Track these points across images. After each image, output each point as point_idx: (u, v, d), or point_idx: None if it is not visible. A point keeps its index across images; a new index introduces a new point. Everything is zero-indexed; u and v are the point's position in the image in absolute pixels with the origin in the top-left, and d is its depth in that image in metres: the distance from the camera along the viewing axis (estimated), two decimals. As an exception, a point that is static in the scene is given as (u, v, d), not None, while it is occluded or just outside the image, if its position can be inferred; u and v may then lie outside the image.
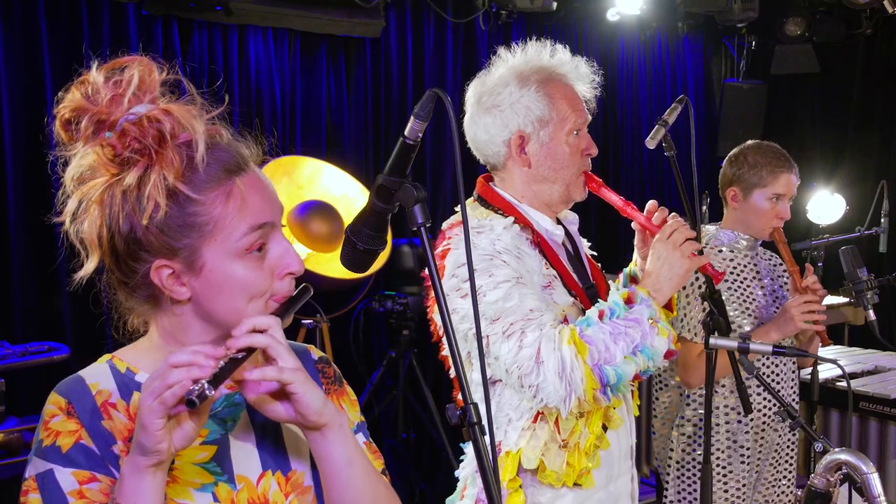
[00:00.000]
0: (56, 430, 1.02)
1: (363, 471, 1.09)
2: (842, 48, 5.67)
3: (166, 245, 1.02)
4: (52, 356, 3.18)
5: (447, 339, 1.11)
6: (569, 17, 5.27)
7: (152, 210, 1.00)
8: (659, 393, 2.59)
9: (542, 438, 1.76)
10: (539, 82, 1.81)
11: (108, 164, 1.01)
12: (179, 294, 1.05)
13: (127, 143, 1.00)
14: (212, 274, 1.04)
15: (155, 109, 1.01)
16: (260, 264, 1.06)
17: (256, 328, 1.00)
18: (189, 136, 1.01)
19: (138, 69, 1.03)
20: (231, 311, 1.05)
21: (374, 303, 4.08)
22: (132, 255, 1.03)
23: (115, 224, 1.02)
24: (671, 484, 2.53)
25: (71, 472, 1.00)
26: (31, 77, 3.59)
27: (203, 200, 1.02)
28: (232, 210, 1.03)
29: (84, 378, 1.07)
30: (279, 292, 1.07)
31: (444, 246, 1.78)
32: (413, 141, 1.19)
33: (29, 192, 3.51)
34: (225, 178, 1.03)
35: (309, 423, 1.04)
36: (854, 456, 1.58)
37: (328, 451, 1.06)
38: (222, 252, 1.03)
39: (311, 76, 4.38)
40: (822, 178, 5.27)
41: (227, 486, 1.07)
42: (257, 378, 1.00)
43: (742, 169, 2.51)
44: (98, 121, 1.02)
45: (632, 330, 1.66)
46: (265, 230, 1.05)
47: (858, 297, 2.58)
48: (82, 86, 1.03)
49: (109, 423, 1.04)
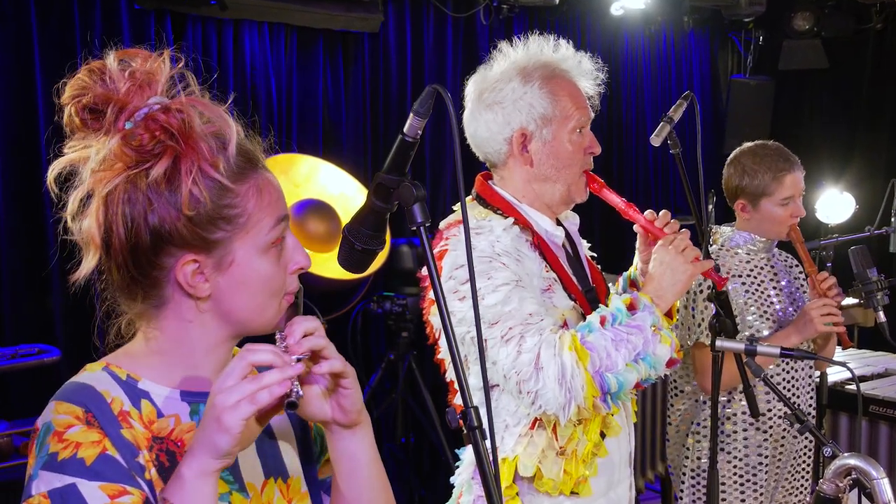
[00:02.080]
0: (75, 441, 0.96)
1: (381, 474, 1.12)
2: (851, 43, 5.63)
3: (199, 238, 1.00)
4: (43, 358, 3.14)
5: (447, 341, 1.10)
6: (571, 12, 5.24)
7: (190, 200, 0.97)
8: (674, 399, 2.57)
9: (539, 445, 1.74)
10: (543, 79, 1.79)
11: (131, 154, 0.98)
12: (202, 291, 1.02)
13: (154, 132, 0.97)
14: (239, 269, 1.02)
15: (177, 101, 1.00)
16: (278, 260, 1.05)
17: (307, 332, 1.01)
18: (216, 128, 1.00)
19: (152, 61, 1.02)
20: (250, 309, 1.04)
21: (372, 304, 4.07)
22: (157, 249, 1.00)
23: (139, 218, 0.98)
24: (686, 492, 2.51)
25: (98, 485, 0.94)
26: (22, 74, 3.56)
27: (238, 192, 1.00)
28: (262, 202, 1.02)
29: (93, 385, 1.02)
30: (290, 288, 1.08)
31: (441, 246, 1.76)
32: (412, 138, 1.18)
33: (19, 191, 3.48)
34: (252, 171, 1.02)
35: (348, 419, 1.05)
36: (864, 461, 1.57)
37: (355, 448, 1.07)
38: (252, 246, 1.02)
39: (308, 72, 4.36)
40: (831, 176, 5.22)
41: (239, 494, 1.06)
42: (326, 370, 1.01)
43: (743, 180, 2.46)
44: (120, 109, 0.99)
45: (634, 337, 1.65)
46: (286, 223, 1.06)
47: (868, 299, 2.54)
48: (95, 73, 1.00)
49: (130, 433, 1.00)
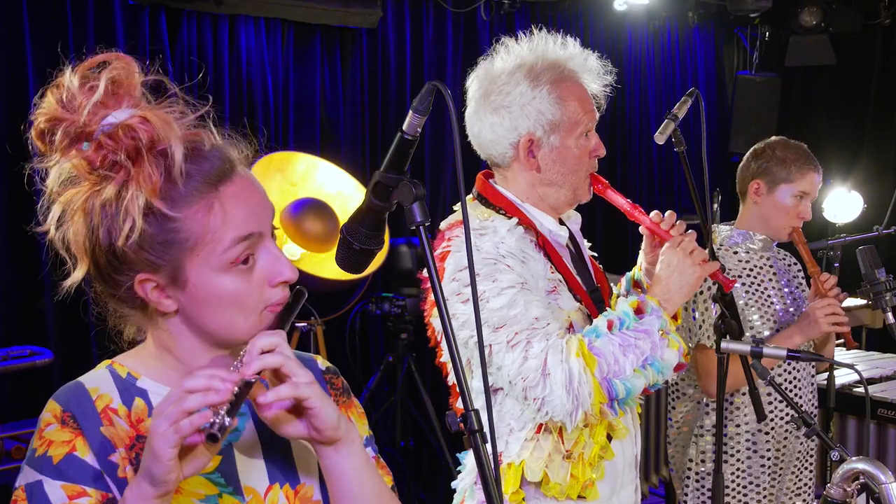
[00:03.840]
0: (49, 440, 1.00)
1: (374, 487, 1.09)
2: (859, 39, 5.62)
3: (147, 261, 1.01)
4: (35, 360, 3.12)
5: (447, 344, 1.10)
6: (574, 7, 5.22)
7: (128, 229, 0.98)
8: (676, 403, 2.56)
9: (545, 449, 1.72)
10: (551, 83, 1.76)
11: (87, 175, 1.00)
12: (166, 307, 1.03)
13: (103, 156, 0.98)
14: (196, 288, 1.02)
15: (132, 117, 0.98)
16: (248, 276, 1.03)
17: (264, 349, 0.99)
18: (164, 146, 0.98)
19: (116, 70, 1.00)
20: (221, 324, 1.04)
21: (370, 305, 4.04)
22: (114, 268, 1.02)
23: (95, 236, 1.01)
24: (690, 496, 2.50)
25: (60, 485, 0.98)
26: (13, 73, 3.52)
27: (181, 217, 0.99)
28: (214, 223, 1.00)
29: (84, 383, 1.06)
30: (272, 300, 1.05)
31: (443, 248, 1.74)
32: (411, 136, 1.18)
33: (10, 193, 3.45)
34: (207, 190, 1.00)
35: (324, 437, 1.03)
36: (872, 465, 1.56)
37: (340, 466, 1.05)
38: (206, 266, 1.01)
39: (305, 68, 4.33)
40: (839, 174, 5.23)
41: (232, 497, 1.06)
42: (271, 400, 0.98)
43: (770, 162, 2.49)
44: (73, 132, 0.99)
45: (642, 342, 1.64)
46: (252, 241, 1.03)
47: (876, 300, 2.53)
48: (57, 91, 1.00)
49: (110, 430, 1.02)
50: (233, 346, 1.07)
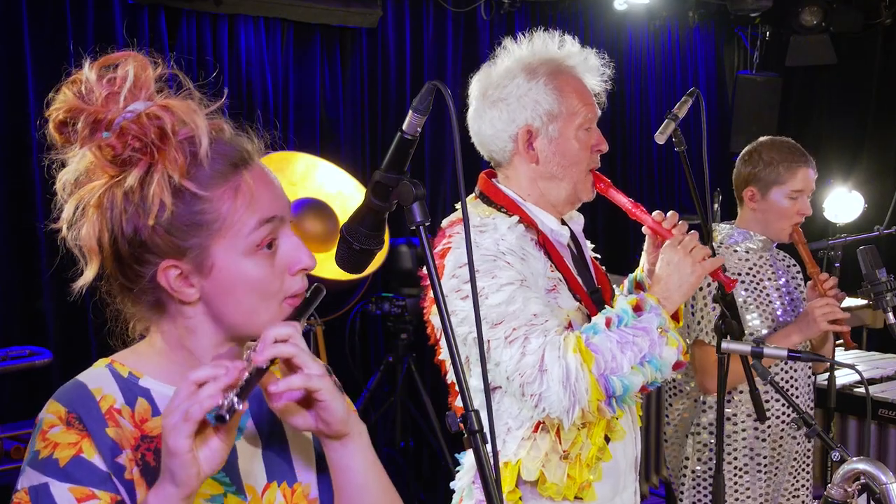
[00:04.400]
0: (54, 442, 0.99)
1: (380, 483, 1.10)
2: (860, 39, 5.62)
3: (173, 245, 1.01)
4: (34, 361, 3.12)
5: (447, 342, 1.10)
6: (574, 7, 5.22)
7: (158, 210, 0.99)
8: (673, 400, 2.56)
9: (542, 449, 1.72)
10: (548, 75, 1.77)
11: (108, 165, 1.00)
12: (188, 296, 1.03)
13: (127, 142, 0.99)
14: (222, 273, 1.03)
15: (153, 106, 1.00)
16: (271, 262, 1.05)
17: (278, 339, 0.99)
18: (190, 131, 1.00)
19: (133, 65, 1.02)
20: (242, 313, 1.04)
21: (370, 305, 4.04)
22: (137, 258, 1.02)
23: (117, 227, 1.01)
24: (686, 494, 2.50)
25: (68, 487, 0.97)
26: (13, 73, 3.50)
27: (210, 197, 1.01)
28: (240, 205, 1.02)
29: (86, 383, 1.04)
30: (292, 290, 1.06)
31: (444, 245, 1.74)
32: (411, 136, 1.18)
33: (11, 192, 3.44)
34: (231, 173, 1.02)
35: (332, 431, 1.03)
36: (873, 465, 1.56)
37: (348, 460, 1.06)
38: (232, 250, 1.02)
39: (305, 68, 4.33)
40: (840, 174, 5.23)
41: (236, 497, 1.06)
42: (283, 389, 0.99)
43: (757, 167, 2.48)
44: (94, 121, 1.00)
45: (640, 339, 1.64)
46: (275, 224, 1.04)
47: (877, 300, 2.53)
48: (74, 85, 1.01)
49: (116, 431, 1.01)
50: (251, 339, 1.07)
